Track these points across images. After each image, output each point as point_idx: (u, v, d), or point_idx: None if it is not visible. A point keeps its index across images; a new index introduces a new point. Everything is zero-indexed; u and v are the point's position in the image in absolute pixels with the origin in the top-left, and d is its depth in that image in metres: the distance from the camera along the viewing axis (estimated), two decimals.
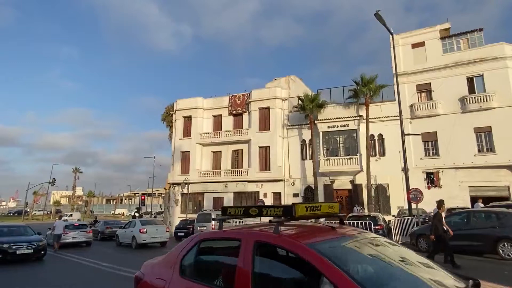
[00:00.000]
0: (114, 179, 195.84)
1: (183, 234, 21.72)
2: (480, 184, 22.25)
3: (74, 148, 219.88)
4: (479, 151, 22.43)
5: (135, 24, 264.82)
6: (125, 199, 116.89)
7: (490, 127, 22.12)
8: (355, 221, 12.29)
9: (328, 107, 26.55)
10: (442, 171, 23.41)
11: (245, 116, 30.32)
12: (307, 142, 27.27)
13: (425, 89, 24.86)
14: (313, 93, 27.28)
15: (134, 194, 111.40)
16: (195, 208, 30.16)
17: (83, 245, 18.33)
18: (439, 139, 23.61)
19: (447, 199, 22.29)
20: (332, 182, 25.74)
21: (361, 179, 24.44)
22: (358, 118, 25.13)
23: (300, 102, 26.67)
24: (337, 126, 25.73)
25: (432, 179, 23.55)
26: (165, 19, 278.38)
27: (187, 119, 32.30)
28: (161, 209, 69.76)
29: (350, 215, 15.00)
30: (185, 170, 31.08)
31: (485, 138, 22.43)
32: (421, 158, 23.89)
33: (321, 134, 26.08)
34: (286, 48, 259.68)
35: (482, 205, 15.38)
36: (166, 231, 18.26)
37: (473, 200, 22.06)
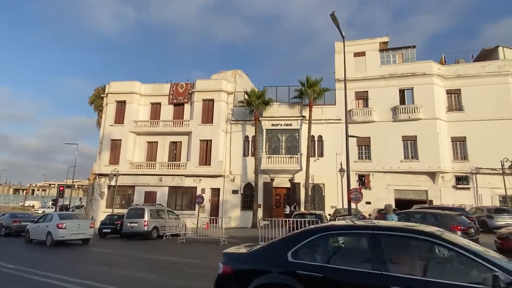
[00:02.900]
0: (26, 167, 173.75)
1: (109, 230, 19.50)
2: (404, 188, 24.37)
3: None
4: (405, 157, 24.52)
5: None
6: (38, 190, 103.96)
7: (416, 136, 24.36)
8: (301, 219, 12.12)
9: (273, 105, 26.56)
10: (372, 174, 25.08)
11: (186, 107, 28.76)
12: (250, 138, 26.90)
13: (362, 97, 26.40)
14: (259, 90, 27.00)
15: (50, 185, 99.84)
16: (123, 202, 27.67)
17: None
18: (371, 144, 25.24)
19: (375, 201, 24.08)
20: (272, 180, 25.80)
21: (300, 178, 24.90)
22: (301, 118, 25.59)
23: (246, 97, 26.17)
24: (281, 125, 25.88)
25: (363, 181, 25.17)
26: None
27: (121, 104, 29.47)
28: (81, 202, 63.26)
29: (296, 213, 14.93)
30: (114, 160, 28.27)
31: (410, 146, 24.62)
32: (354, 161, 25.11)
33: (264, 131, 25.94)
34: (233, 46, 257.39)
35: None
36: (91, 227, 16.08)
37: (397, 202, 24.10)
